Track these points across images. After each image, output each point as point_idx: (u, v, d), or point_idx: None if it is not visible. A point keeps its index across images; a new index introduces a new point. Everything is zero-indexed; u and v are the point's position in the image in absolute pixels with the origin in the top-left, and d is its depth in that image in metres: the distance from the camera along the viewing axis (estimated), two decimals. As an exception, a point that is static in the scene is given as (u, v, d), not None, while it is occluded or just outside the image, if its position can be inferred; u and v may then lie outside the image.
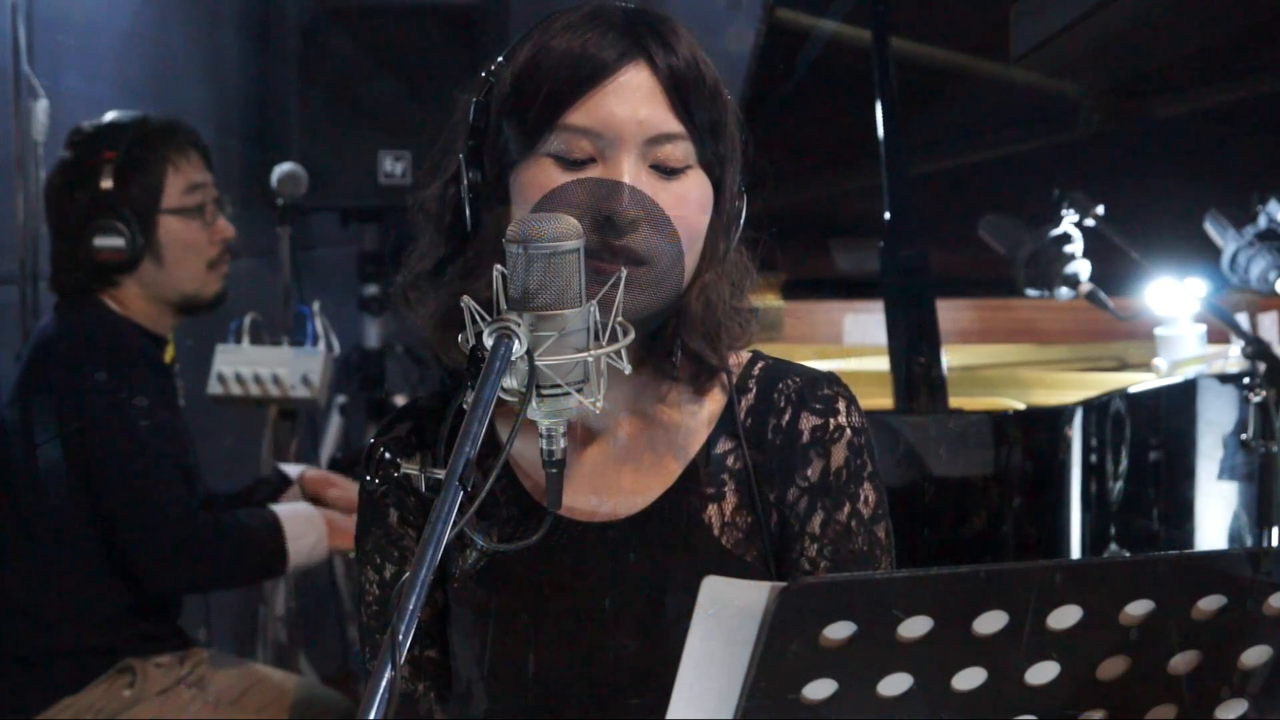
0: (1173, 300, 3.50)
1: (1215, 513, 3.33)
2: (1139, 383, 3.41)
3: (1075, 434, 3.11)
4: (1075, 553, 3.12)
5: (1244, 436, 3.19)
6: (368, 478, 1.59)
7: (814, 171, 4.11)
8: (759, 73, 3.88)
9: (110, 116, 3.43)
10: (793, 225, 1.87)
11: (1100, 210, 3.41)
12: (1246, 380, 3.17)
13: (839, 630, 1.24)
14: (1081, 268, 3.35)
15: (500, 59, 1.76)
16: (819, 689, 1.25)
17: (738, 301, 1.78)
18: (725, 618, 1.24)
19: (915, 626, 1.25)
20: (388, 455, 1.58)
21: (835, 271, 4.23)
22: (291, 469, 3.69)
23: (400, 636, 1.35)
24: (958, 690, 1.29)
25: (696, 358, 1.77)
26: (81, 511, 3.24)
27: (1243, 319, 3.50)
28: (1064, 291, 3.35)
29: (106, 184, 3.32)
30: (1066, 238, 3.36)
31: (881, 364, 3.39)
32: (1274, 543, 3.20)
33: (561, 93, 1.70)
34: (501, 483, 1.79)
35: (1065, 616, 1.28)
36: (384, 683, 1.34)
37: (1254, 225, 3.42)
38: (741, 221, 1.78)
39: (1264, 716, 1.37)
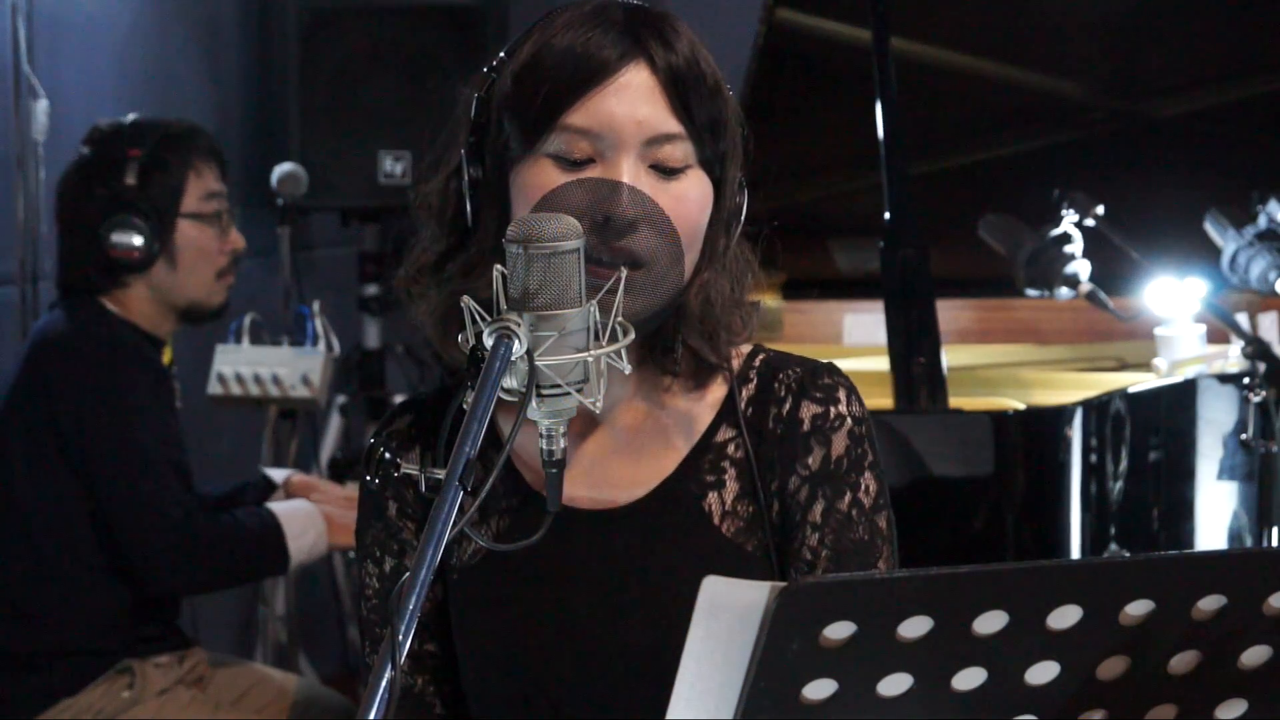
0: (1173, 300, 3.50)
1: (1215, 513, 3.33)
2: (1139, 383, 3.41)
3: (1075, 434, 3.11)
4: (1075, 553, 3.12)
5: (1244, 436, 3.19)
6: (367, 476, 1.59)
7: (814, 171, 4.11)
8: (759, 73, 3.88)
9: (132, 117, 3.43)
10: (793, 225, 1.87)
11: (1100, 210, 3.40)
12: (1246, 380, 3.17)
13: (839, 630, 1.24)
14: (1081, 268, 3.35)
15: (502, 54, 1.76)
16: (819, 689, 1.25)
17: (738, 297, 1.78)
18: (725, 618, 1.24)
19: (915, 626, 1.25)
20: (388, 455, 1.58)
21: (835, 271, 4.22)
22: (277, 474, 3.67)
23: (400, 637, 1.35)
24: (958, 690, 1.29)
25: (697, 354, 1.77)
26: (80, 512, 3.24)
27: (1243, 319, 3.50)
28: (1064, 291, 3.35)
29: (130, 180, 3.32)
30: (1066, 238, 3.36)
31: (881, 364, 3.38)
32: (1274, 543, 3.20)
33: (562, 92, 1.70)
34: (501, 474, 1.78)
35: (1065, 616, 1.28)
36: (384, 682, 1.34)
37: (1254, 225, 3.42)
38: (742, 218, 1.78)
39: (1264, 716, 1.36)
